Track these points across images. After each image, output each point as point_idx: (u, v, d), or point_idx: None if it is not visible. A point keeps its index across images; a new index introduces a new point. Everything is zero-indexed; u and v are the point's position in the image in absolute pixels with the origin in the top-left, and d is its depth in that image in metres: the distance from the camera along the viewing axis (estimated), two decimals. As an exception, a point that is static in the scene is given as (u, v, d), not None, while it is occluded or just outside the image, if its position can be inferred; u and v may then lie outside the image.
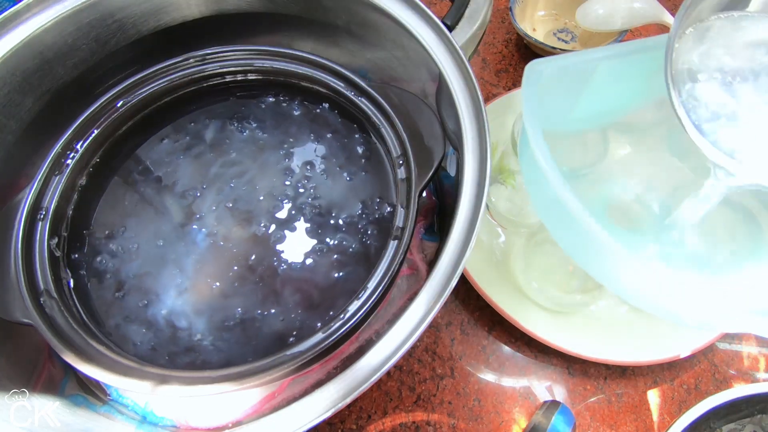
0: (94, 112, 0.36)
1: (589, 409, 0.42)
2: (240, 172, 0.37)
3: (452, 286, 0.26)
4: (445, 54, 0.32)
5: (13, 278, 0.30)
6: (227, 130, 0.39)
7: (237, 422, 0.28)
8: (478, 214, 0.28)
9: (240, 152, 0.38)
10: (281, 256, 0.34)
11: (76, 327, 0.30)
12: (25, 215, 0.32)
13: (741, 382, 0.44)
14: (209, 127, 0.39)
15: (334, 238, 0.35)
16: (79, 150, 0.35)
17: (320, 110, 0.39)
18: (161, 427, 0.29)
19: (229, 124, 0.39)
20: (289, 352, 0.28)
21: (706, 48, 0.32)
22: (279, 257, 0.34)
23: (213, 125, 0.39)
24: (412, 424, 0.41)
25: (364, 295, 0.29)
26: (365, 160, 0.37)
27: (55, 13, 0.33)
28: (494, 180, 0.46)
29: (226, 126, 0.39)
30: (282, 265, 0.34)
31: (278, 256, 0.34)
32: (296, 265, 0.34)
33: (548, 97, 0.34)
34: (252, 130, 0.39)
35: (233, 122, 0.39)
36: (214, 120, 0.40)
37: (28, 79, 0.33)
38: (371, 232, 0.35)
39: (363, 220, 0.35)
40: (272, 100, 0.40)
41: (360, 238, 0.35)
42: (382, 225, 0.35)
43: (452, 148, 0.34)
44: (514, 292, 0.44)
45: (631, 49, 0.37)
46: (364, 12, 0.35)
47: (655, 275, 0.29)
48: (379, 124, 0.36)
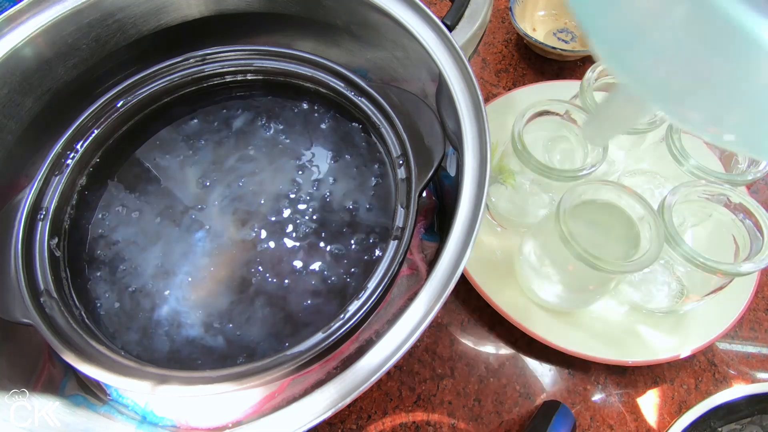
0: (94, 112, 0.36)
1: (589, 409, 0.42)
2: (238, 176, 0.37)
3: (452, 286, 0.26)
4: (445, 54, 0.32)
5: (13, 278, 0.30)
6: (223, 133, 0.39)
7: (237, 422, 0.28)
8: (478, 214, 0.28)
9: (236, 158, 0.38)
10: (283, 262, 0.34)
11: (76, 327, 0.30)
12: (25, 215, 0.32)
13: (741, 382, 0.44)
14: (209, 128, 0.39)
15: (331, 244, 0.35)
16: (79, 150, 0.35)
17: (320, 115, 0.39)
18: (161, 427, 0.29)
19: (225, 127, 0.39)
20: (289, 352, 0.28)
21: None
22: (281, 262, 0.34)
23: (213, 126, 0.39)
24: (412, 424, 0.41)
25: (364, 295, 0.29)
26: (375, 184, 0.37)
27: (55, 13, 0.33)
28: (494, 180, 0.46)
29: (222, 129, 0.39)
30: (285, 270, 0.34)
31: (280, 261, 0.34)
32: (298, 270, 0.34)
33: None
34: (258, 132, 0.39)
35: (230, 125, 0.39)
36: (214, 120, 0.40)
37: (28, 79, 0.33)
38: (364, 242, 0.35)
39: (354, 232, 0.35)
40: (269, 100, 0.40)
41: (349, 251, 0.35)
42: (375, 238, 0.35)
43: (452, 148, 0.34)
44: (514, 292, 0.44)
45: None
46: (364, 12, 0.35)
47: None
48: (379, 124, 0.36)
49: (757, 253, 0.36)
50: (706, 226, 0.42)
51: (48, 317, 0.30)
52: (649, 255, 0.36)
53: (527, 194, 0.45)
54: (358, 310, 0.29)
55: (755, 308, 0.47)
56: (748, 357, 0.45)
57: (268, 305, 0.33)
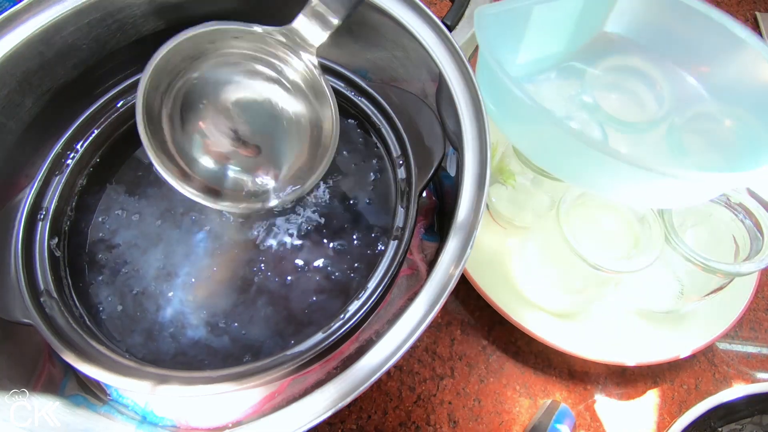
0: (94, 112, 0.36)
1: (589, 409, 0.42)
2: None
3: (452, 286, 0.26)
4: (445, 54, 0.32)
5: (13, 278, 0.30)
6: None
7: (237, 422, 0.28)
8: (478, 214, 0.28)
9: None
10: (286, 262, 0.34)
11: (76, 327, 0.30)
12: (25, 215, 0.32)
13: (741, 382, 0.44)
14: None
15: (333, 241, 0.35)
16: (79, 150, 0.35)
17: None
18: (161, 427, 0.29)
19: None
20: (289, 352, 0.28)
21: None
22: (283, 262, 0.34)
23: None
24: (412, 424, 0.41)
25: (364, 295, 0.29)
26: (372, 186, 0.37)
27: (54, 13, 0.33)
28: (494, 180, 0.46)
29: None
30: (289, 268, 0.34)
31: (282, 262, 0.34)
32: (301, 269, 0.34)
33: (496, 42, 0.36)
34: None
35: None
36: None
37: (28, 79, 0.33)
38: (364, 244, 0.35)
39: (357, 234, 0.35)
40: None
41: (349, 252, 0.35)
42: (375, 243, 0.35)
43: (452, 148, 0.34)
44: (514, 292, 0.44)
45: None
46: (364, 12, 0.35)
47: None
48: (379, 124, 0.36)
49: (757, 253, 0.36)
50: (706, 226, 0.42)
51: (48, 317, 0.30)
52: (648, 255, 0.36)
53: (527, 194, 0.45)
54: (358, 310, 0.29)
55: (755, 308, 0.47)
56: (748, 357, 0.45)
57: (271, 304, 0.33)
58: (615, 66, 0.44)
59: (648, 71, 0.44)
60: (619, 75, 0.44)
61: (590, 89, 0.42)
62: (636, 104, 0.43)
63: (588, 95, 0.42)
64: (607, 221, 0.40)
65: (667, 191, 0.33)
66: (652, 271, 0.36)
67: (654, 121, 0.41)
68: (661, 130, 0.41)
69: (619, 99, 0.43)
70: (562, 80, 0.44)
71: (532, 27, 0.41)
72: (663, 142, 0.41)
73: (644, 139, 0.43)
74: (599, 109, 0.41)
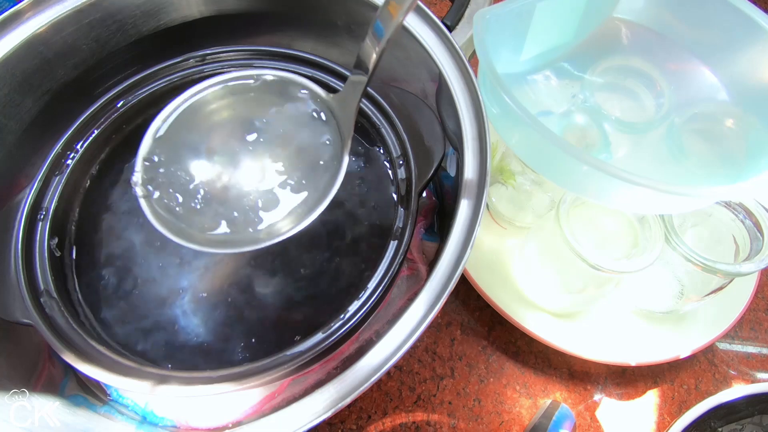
0: (94, 112, 0.36)
1: (589, 409, 0.42)
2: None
3: (452, 286, 0.26)
4: (445, 54, 0.32)
5: (13, 278, 0.30)
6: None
7: (237, 422, 0.28)
8: (478, 214, 0.28)
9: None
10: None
11: (76, 327, 0.30)
12: (25, 215, 0.32)
13: (741, 382, 0.44)
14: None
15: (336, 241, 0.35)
16: (79, 150, 0.35)
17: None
18: (161, 427, 0.29)
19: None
20: (289, 352, 0.28)
21: None
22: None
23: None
24: (412, 424, 0.41)
25: (364, 295, 0.29)
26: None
27: (55, 13, 0.33)
28: (494, 180, 0.46)
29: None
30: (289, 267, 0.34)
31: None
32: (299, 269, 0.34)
33: (497, 43, 0.36)
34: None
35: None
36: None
37: (28, 79, 0.33)
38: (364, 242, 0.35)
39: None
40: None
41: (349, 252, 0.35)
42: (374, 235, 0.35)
43: (452, 148, 0.34)
44: (514, 293, 0.44)
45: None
46: (364, 12, 0.35)
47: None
48: (379, 124, 0.36)
49: (757, 253, 0.36)
50: (706, 226, 0.42)
51: (48, 317, 0.30)
52: (649, 255, 0.36)
53: (527, 194, 0.45)
54: (358, 310, 0.29)
55: (755, 308, 0.47)
56: (748, 357, 0.45)
57: (271, 303, 0.33)
58: (615, 66, 0.44)
59: (648, 71, 0.44)
60: (619, 75, 0.44)
61: (590, 89, 0.42)
62: (636, 104, 0.43)
63: (588, 95, 0.42)
64: (607, 221, 0.40)
65: (661, 201, 0.33)
66: (652, 271, 0.36)
67: (654, 121, 0.41)
68: (661, 130, 0.41)
69: (620, 99, 0.43)
70: (562, 80, 0.43)
71: (537, 21, 0.40)
72: (663, 142, 0.41)
73: (644, 139, 0.43)
74: (599, 109, 0.41)
